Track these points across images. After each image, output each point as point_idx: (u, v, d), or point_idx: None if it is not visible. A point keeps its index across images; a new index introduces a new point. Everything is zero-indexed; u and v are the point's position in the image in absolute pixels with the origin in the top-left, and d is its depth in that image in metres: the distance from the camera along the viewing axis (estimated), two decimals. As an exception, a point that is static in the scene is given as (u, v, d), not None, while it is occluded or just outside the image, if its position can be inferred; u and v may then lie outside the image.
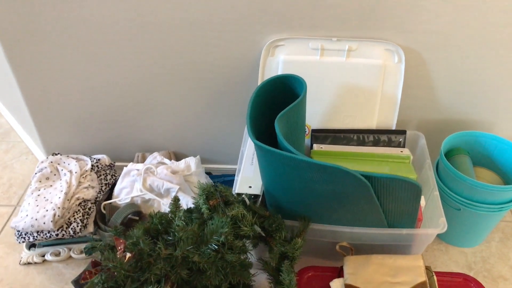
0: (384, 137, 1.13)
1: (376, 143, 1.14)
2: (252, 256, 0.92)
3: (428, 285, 0.89)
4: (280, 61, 1.08)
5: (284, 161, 0.79)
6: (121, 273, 0.77)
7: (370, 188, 0.76)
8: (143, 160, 1.28)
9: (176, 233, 0.85)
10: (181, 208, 0.91)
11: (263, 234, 0.88)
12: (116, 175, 1.25)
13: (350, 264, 0.94)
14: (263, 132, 0.95)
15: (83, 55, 1.12)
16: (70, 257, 1.15)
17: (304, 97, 0.94)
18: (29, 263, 1.14)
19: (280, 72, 1.09)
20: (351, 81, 1.09)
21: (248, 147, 1.11)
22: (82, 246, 1.15)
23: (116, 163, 1.34)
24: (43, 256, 1.15)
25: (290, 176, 0.82)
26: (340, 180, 0.76)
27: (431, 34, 1.02)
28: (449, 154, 1.13)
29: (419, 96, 1.14)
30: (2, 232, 1.22)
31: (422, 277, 0.90)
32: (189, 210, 0.92)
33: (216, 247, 0.82)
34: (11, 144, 1.52)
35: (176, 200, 0.91)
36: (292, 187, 0.85)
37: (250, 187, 1.00)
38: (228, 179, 1.32)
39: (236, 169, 1.07)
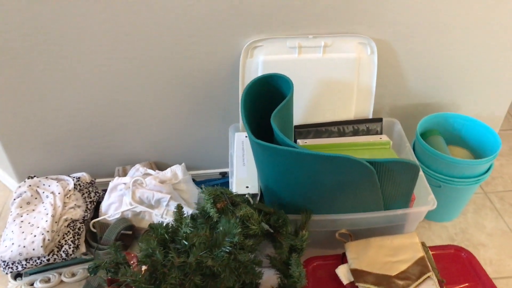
0: (362, 126, 1.19)
1: (355, 133, 1.19)
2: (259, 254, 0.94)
3: (426, 259, 0.94)
4: (260, 62, 1.10)
5: (288, 156, 0.81)
6: (141, 286, 0.76)
7: (374, 174, 0.80)
8: (124, 173, 1.25)
9: (185, 241, 0.85)
10: (185, 216, 0.91)
11: (271, 231, 0.89)
12: (99, 191, 1.21)
13: (352, 250, 0.97)
14: (253, 131, 0.97)
15: (54, 70, 1.07)
16: (61, 281, 1.10)
17: (292, 95, 0.97)
18: (18, 294, 1.08)
19: (260, 72, 1.11)
20: (328, 76, 1.13)
21: (236, 149, 1.12)
22: (73, 269, 1.11)
23: (97, 180, 1.30)
24: (32, 285, 1.09)
25: (294, 171, 0.85)
26: (346, 169, 0.79)
27: (399, 26, 1.09)
28: (423, 136, 1.20)
29: (390, 85, 1.21)
30: (-19, 266, 1.15)
31: (420, 253, 0.95)
32: (192, 217, 0.92)
33: (230, 248, 0.82)
34: (-27, 173, 1.43)
35: (180, 208, 0.91)
36: (295, 182, 0.87)
37: (247, 187, 1.01)
38: (212, 183, 1.32)
39: (221, 172, 1.08)
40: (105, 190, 1.24)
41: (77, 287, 1.10)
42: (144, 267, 0.77)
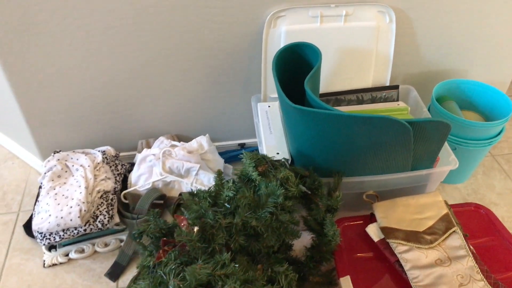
0: (380, 94, 1.23)
1: (373, 101, 1.24)
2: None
3: (451, 216, 1.00)
4: (282, 32, 1.12)
5: (326, 119, 0.85)
6: (195, 245, 0.79)
7: (411, 133, 0.85)
8: (148, 146, 1.27)
9: (227, 204, 0.89)
10: (224, 180, 0.94)
11: (309, 192, 0.93)
12: (125, 164, 1.23)
13: (380, 209, 1.03)
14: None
15: (74, 44, 1.08)
16: (95, 252, 1.13)
17: (320, 63, 1.00)
18: (54, 265, 1.11)
19: (283, 42, 1.14)
20: (348, 45, 1.16)
21: (261, 119, 1.15)
22: (106, 239, 1.14)
23: (120, 154, 1.31)
24: (67, 255, 1.12)
25: (329, 134, 0.89)
26: (383, 129, 0.83)
27: (416, -6, 1.12)
28: (438, 102, 1.25)
29: (405, 53, 1.25)
30: (13, 240, 1.17)
31: (444, 210, 1.01)
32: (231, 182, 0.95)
33: (273, 209, 0.86)
34: (-10, 151, 1.43)
35: (220, 173, 0.94)
36: (330, 145, 0.91)
37: (277, 153, 1.05)
38: (232, 154, 1.35)
39: (239, 143, 1.09)
40: (130, 163, 1.26)
41: (110, 256, 1.13)
42: (196, 228, 0.81)
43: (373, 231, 1.01)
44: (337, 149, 0.92)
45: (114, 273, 1.08)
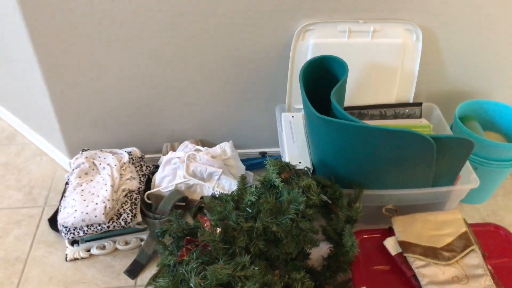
0: (403, 110, 1.24)
1: (396, 116, 1.25)
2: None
3: (469, 234, 1.01)
4: (310, 45, 1.15)
5: (352, 131, 0.87)
6: (217, 246, 0.81)
7: (435, 149, 0.86)
8: (172, 150, 1.30)
9: (249, 208, 0.91)
10: (248, 185, 0.96)
11: (330, 202, 0.95)
12: (150, 166, 1.27)
13: (399, 223, 1.03)
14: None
15: (110, 47, 1.12)
16: (116, 249, 1.16)
17: (347, 77, 1.03)
18: (75, 259, 1.14)
19: (310, 55, 1.16)
20: (374, 60, 1.19)
21: (285, 128, 1.18)
22: (127, 237, 1.17)
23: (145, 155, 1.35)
24: (89, 250, 1.15)
25: (354, 146, 0.90)
26: (408, 143, 0.85)
27: (443, 14, 1.14)
28: (461, 121, 1.26)
29: (430, 71, 1.26)
30: (38, 233, 1.20)
31: (464, 228, 1.01)
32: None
33: (294, 216, 0.88)
34: (20, 147, 1.48)
35: (243, 178, 0.96)
36: (353, 156, 0.93)
37: (300, 162, 1.07)
38: (254, 162, 1.37)
39: (261, 152, 1.11)
40: (154, 165, 1.29)
41: (130, 254, 1.15)
42: (219, 229, 0.83)
43: (391, 244, 1.02)
44: (359, 161, 0.94)
45: (134, 271, 1.11)
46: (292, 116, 1.22)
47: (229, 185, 1.17)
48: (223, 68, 1.20)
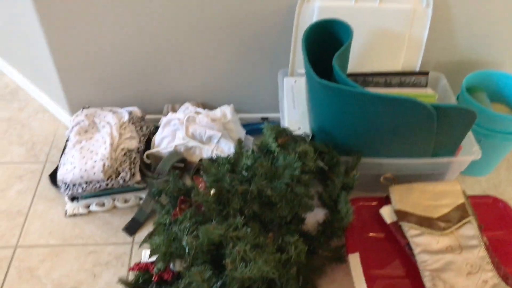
0: (408, 79, 1.21)
1: (401, 85, 1.22)
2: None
3: (467, 206, 1.00)
4: (316, 8, 1.12)
5: (351, 97, 0.85)
6: (211, 206, 0.82)
7: (435, 118, 0.84)
8: (173, 111, 1.29)
9: (245, 171, 0.91)
10: (244, 150, 0.96)
11: (326, 168, 0.95)
12: (150, 126, 1.26)
13: (396, 193, 1.03)
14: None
15: (112, 5, 1.10)
16: (115, 207, 1.18)
17: (351, 42, 1.00)
18: (74, 215, 1.16)
19: (315, 18, 1.13)
20: (381, 26, 1.15)
21: (286, 93, 1.16)
22: (126, 196, 1.18)
23: (146, 116, 1.35)
24: (88, 207, 1.16)
25: (353, 112, 0.89)
26: (407, 111, 0.83)
27: (457, -21, 1.09)
28: (467, 92, 1.23)
29: (439, 39, 1.23)
30: (39, 188, 1.22)
31: (461, 199, 1.01)
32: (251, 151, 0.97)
33: (289, 180, 0.88)
34: (23, 103, 1.48)
35: (240, 142, 0.96)
36: (352, 123, 0.92)
37: (299, 128, 1.06)
38: (254, 127, 1.36)
39: (262, 117, 1.09)
40: (155, 126, 1.29)
41: (129, 212, 1.17)
42: (213, 191, 0.83)
43: (386, 213, 1.02)
44: (358, 128, 0.93)
45: (131, 228, 1.13)
46: (295, 81, 1.20)
47: (228, 149, 1.17)
48: (225, 30, 1.17)
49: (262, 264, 0.75)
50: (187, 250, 0.78)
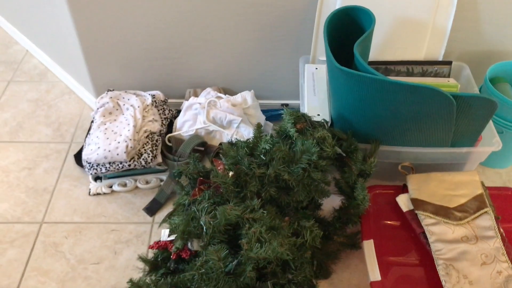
0: (431, 68, 1.20)
1: (423, 74, 1.21)
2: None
3: (485, 196, 1.00)
4: (339, -6, 1.12)
5: (373, 84, 0.86)
6: (229, 188, 0.84)
7: (454, 107, 0.84)
8: (195, 95, 1.32)
9: (263, 156, 0.92)
10: (263, 134, 0.97)
11: (344, 155, 0.95)
12: (172, 110, 1.29)
13: (413, 181, 1.03)
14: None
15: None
16: (136, 187, 1.21)
17: (373, 29, 1.00)
18: (98, 194, 1.20)
19: (338, 5, 1.13)
20: (404, 14, 1.14)
21: (307, 80, 1.17)
22: (147, 177, 1.21)
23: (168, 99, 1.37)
24: (111, 187, 1.20)
25: (373, 100, 0.89)
26: (427, 100, 0.83)
27: (485, -34, 1.08)
28: (491, 83, 1.21)
29: (463, 28, 1.21)
30: (64, 167, 1.27)
31: (479, 190, 1.00)
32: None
33: (306, 165, 0.89)
34: (50, 84, 1.53)
35: (259, 126, 0.97)
36: (372, 110, 0.92)
37: (318, 114, 1.06)
38: (274, 114, 1.38)
39: (283, 103, 1.10)
40: (176, 110, 1.32)
41: (150, 193, 1.20)
42: (231, 173, 0.85)
43: (403, 201, 1.02)
44: (378, 116, 0.93)
45: (152, 209, 1.16)
46: (316, 68, 1.20)
47: (248, 134, 1.19)
48: (248, 16, 1.18)
49: (277, 245, 0.77)
50: (204, 229, 0.80)
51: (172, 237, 0.91)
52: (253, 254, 0.77)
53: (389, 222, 1.02)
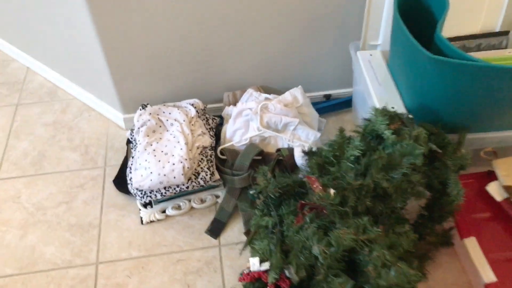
0: (486, 41, 1.13)
1: (479, 49, 1.14)
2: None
3: None
4: (393, -28, 1.01)
5: (474, 73, 0.77)
6: (335, 208, 0.75)
7: None
8: (234, 99, 1.20)
9: (351, 164, 0.83)
10: (348, 139, 0.88)
11: (439, 151, 0.87)
12: (216, 118, 1.18)
13: (502, 167, 0.97)
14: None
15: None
16: (192, 208, 1.10)
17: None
18: (151, 221, 1.08)
19: (391, -16, 1.03)
20: (462, -15, 1.05)
21: (365, 68, 1.07)
22: (201, 195, 1.11)
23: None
24: (164, 212, 1.09)
25: (472, 88, 0.81)
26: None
27: None
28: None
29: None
30: (105, 196, 1.14)
31: None
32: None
33: (408, 170, 0.81)
34: (64, 103, 1.38)
35: (341, 131, 0.88)
36: (468, 99, 0.84)
37: (392, 107, 0.97)
38: (320, 107, 1.28)
39: (325, 94, 1.01)
40: (219, 117, 1.20)
41: (207, 212, 1.10)
42: (333, 191, 0.76)
43: (495, 190, 0.96)
44: (473, 104, 0.85)
45: (215, 230, 1.06)
46: (370, 55, 1.10)
47: (306, 135, 1.09)
48: (285, 7, 1.07)
49: (407, 268, 0.69)
50: (320, 259, 0.71)
51: (265, 266, 0.82)
52: (384, 282, 0.69)
53: (481, 215, 0.96)
